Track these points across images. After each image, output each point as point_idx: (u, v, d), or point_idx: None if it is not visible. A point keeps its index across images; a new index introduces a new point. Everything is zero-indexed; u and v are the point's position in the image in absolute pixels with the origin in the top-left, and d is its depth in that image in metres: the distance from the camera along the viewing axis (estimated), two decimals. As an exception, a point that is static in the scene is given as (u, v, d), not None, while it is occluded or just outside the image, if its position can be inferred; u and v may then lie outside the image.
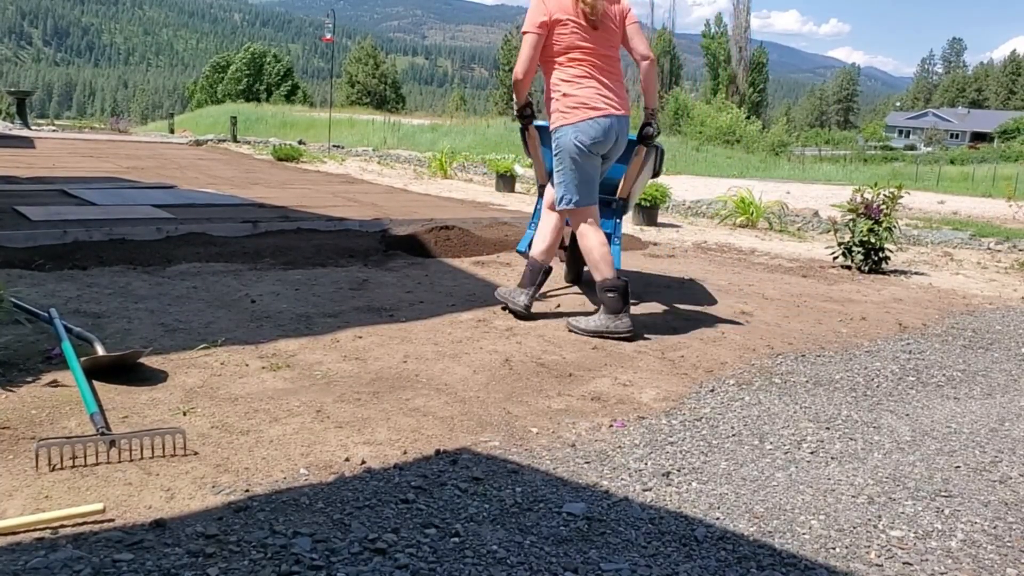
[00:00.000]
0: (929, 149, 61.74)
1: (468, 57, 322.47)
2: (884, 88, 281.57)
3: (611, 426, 2.63)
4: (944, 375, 3.43)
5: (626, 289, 3.62)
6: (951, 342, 4.00)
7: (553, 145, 3.69)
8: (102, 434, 2.19)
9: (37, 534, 1.78)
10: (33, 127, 19.31)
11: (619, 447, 2.47)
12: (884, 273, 5.86)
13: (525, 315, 3.80)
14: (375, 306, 3.91)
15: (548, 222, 3.85)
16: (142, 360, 2.87)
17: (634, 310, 4.16)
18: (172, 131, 22.42)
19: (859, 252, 5.88)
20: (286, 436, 2.37)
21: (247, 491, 2.03)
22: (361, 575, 1.70)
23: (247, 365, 2.94)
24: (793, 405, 2.93)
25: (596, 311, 3.69)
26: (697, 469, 2.35)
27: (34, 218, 5.76)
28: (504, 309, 3.91)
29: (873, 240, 5.78)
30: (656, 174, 4.33)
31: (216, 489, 2.03)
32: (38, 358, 2.85)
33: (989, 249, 7.66)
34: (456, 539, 1.87)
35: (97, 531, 1.80)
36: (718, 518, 2.06)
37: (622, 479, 2.25)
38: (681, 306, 4.36)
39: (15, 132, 16.48)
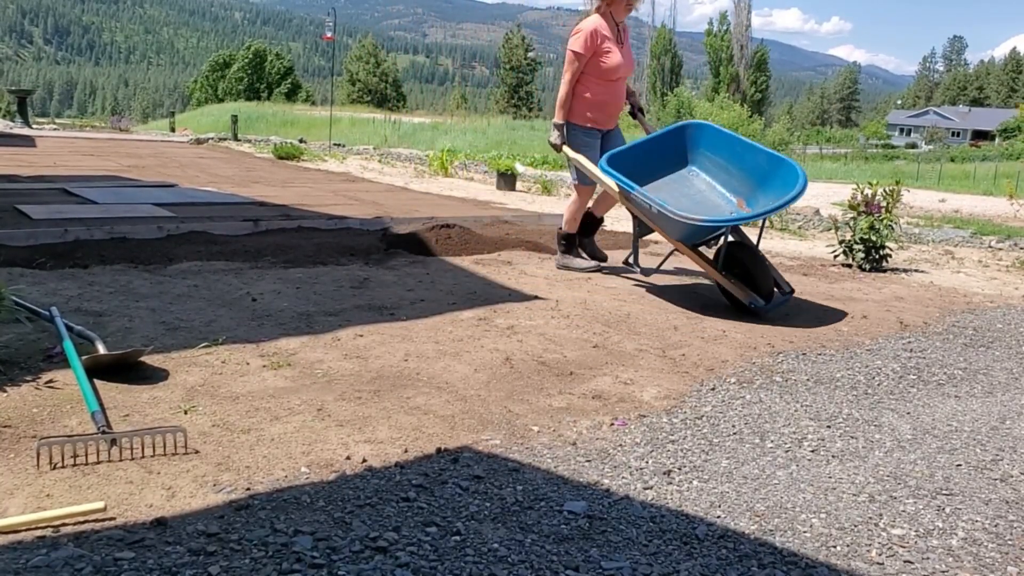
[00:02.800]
0: (930, 147, 61.71)
1: (469, 55, 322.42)
2: (885, 86, 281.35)
3: (612, 424, 2.63)
4: (945, 373, 3.43)
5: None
6: (952, 340, 4.00)
7: None
8: (103, 432, 2.20)
9: (38, 532, 1.78)
10: (34, 126, 19.29)
11: (620, 445, 2.47)
12: (885, 271, 5.85)
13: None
14: (376, 304, 3.91)
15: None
16: (143, 359, 2.87)
17: (634, 309, 4.17)
18: (173, 129, 22.39)
19: (860, 250, 5.87)
20: (287, 434, 2.37)
21: (248, 489, 2.03)
22: (362, 573, 1.70)
23: (248, 363, 2.94)
24: (794, 403, 2.93)
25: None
26: (698, 467, 2.35)
27: (35, 216, 5.76)
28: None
29: (874, 238, 5.77)
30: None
31: (217, 487, 2.03)
32: (39, 357, 2.85)
33: (990, 247, 7.65)
34: (457, 537, 1.87)
35: (98, 529, 1.81)
36: (719, 516, 2.06)
37: (623, 477, 2.25)
38: (682, 304, 4.35)
39: (16, 131, 16.47)
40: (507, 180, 10.55)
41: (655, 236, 5.17)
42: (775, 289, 4.30)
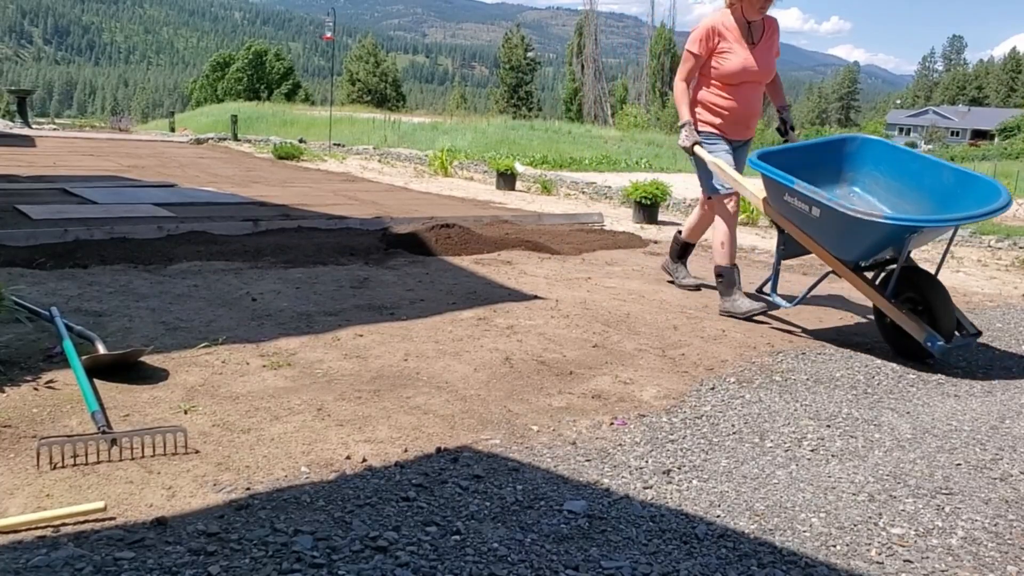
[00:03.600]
0: (930, 147, 61.67)
1: (468, 55, 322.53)
2: (885, 86, 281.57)
3: (612, 424, 2.63)
4: (944, 373, 3.43)
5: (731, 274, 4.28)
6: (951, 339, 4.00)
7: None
8: (103, 432, 2.20)
9: (38, 532, 1.78)
10: (34, 126, 19.30)
11: (620, 445, 2.47)
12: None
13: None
14: (376, 304, 3.91)
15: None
16: (143, 358, 2.87)
17: (634, 309, 4.17)
18: (173, 129, 22.39)
19: (860, 250, 5.87)
20: (287, 434, 2.37)
21: (248, 489, 2.03)
22: (362, 573, 1.70)
23: (248, 363, 2.95)
24: (794, 403, 2.93)
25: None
26: (698, 467, 2.35)
27: (35, 217, 5.76)
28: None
29: (874, 238, 5.76)
30: None
31: (217, 487, 2.03)
32: (39, 356, 2.85)
33: (990, 247, 7.65)
34: (457, 537, 1.87)
35: (98, 529, 1.81)
36: (719, 516, 2.06)
37: (623, 477, 2.25)
38: (682, 304, 4.36)
39: (16, 131, 16.48)
40: (507, 180, 10.55)
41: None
42: (956, 330, 3.52)
